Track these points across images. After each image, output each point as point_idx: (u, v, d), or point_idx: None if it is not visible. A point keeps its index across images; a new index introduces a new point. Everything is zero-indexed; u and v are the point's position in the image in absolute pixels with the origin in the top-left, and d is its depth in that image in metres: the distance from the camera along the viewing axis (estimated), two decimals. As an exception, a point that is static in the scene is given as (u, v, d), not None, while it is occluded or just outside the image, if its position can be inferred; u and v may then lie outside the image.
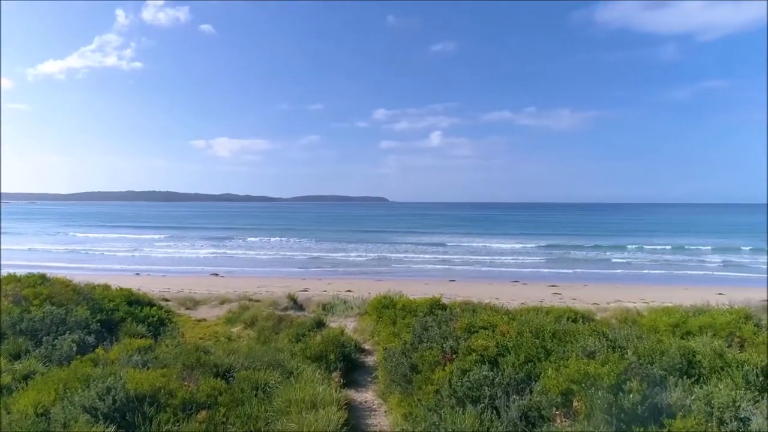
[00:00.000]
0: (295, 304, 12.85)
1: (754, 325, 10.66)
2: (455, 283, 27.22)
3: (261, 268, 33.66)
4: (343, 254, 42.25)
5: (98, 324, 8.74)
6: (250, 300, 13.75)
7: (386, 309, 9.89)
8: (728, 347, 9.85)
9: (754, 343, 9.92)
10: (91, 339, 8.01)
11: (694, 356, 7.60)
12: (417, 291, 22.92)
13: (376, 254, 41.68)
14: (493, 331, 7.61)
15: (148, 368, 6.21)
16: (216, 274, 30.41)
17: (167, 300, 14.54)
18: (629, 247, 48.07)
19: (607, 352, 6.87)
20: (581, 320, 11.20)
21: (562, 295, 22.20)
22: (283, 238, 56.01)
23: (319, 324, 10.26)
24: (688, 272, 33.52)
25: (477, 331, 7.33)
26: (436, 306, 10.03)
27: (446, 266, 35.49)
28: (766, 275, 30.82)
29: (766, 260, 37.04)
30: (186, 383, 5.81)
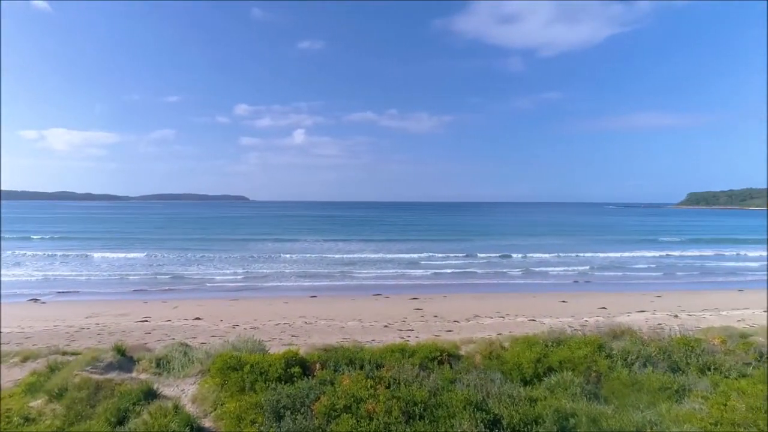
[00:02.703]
0: (123, 356, 10.62)
1: (606, 356, 10.98)
2: (317, 300, 26.03)
3: (96, 290, 29.29)
4: (195, 268, 38.81)
5: None
6: (64, 354, 11.18)
7: (233, 371, 8.35)
8: (587, 384, 9.95)
9: (609, 378, 10.12)
10: None
11: (567, 421, 7.28)
12: (276, 313, 21.38)
13: (232, 269, 38.91)
14: (359, 407, 6.55)
15: None
16: (36, 299, 25.80)
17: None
18: (482, 254, 50.65)
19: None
20: (447, 361, 10.70)
21: (423, 312, 22.11)
22: (125, 248, 49.90)
23: (149, 394, 8.38)
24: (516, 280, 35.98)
25: (339, 415, 6.19)
26: (292, 362, 8.71)
27: (308, 280, 34.11)
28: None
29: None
30: None
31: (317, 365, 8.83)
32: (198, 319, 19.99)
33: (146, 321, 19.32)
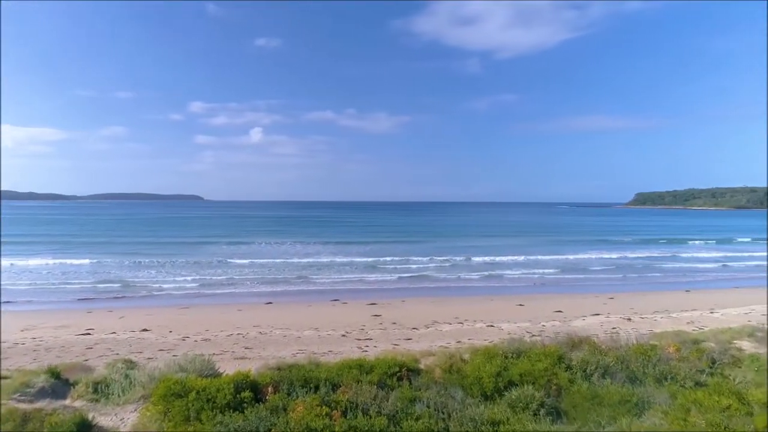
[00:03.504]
0: (58, 379, 9.78)
1: (566, 368, 10.89)
2: (272, 307, 25.30)
3: (34, 299, 27.55)
4: (145, 274, 37.24)
5: None
6: (-9, 378, 10.21)
7: (177, 398, 7.73)
8: (547, 397, 9.80)
9: (570, 392, 10.01)
10: None
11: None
12: (229, 322, 20.57)
13: (184, 274, 37.55)
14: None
15: None
16: (-33, 311, 24.00)
17: None
18: (437, 257, 50.77)
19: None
20: (407, 377, 10.38)
21: (382, 318, 21.77)
22: (68, 252, 47.37)
23: (83, 426, 7.66)
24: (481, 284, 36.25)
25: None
26: (242, 385, 8.16)
27: (264, 285, 33.22)
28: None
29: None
30: None
31: (269, 388, 8.32)
32: (145, 330, 18.99)
33: (88, 334, 18.19)
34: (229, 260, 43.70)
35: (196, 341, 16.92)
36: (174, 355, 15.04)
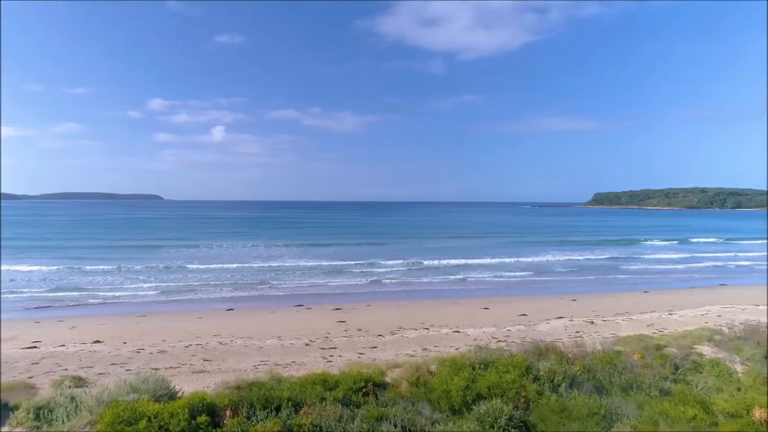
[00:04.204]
0: (-4, 403, 9.05)
1: (534, 378, 10.78)
2: (234, 314, 24.58)
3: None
4: (99, 279, 35.77)
5: None
6: None
7: (126, 426, 7.19)
8: (516, 410, 9.64)
9: (538, 404, 9.91)
10: None
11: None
12: (188, 332, 19.81)
13: (141, 279, 36.25)
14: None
15: None
16: None
17: None
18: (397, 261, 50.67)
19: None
20: (373, 392, 10.07)
21: (347, 324, 21.39)
22: (17, 257, 44.92)
23: (20, 459, 7.04)
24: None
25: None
26: (198, 409, 7.67)
27: (225, 290, 32.32)
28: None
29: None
30: None
31: (228, 412, 7.85)
32: (98, 342, 18.07)
33: (35, 347, 17.15)
34: (189, 264, 42.43)
35: (151, 353, 16.16)
36: (128, 370, 14.31)
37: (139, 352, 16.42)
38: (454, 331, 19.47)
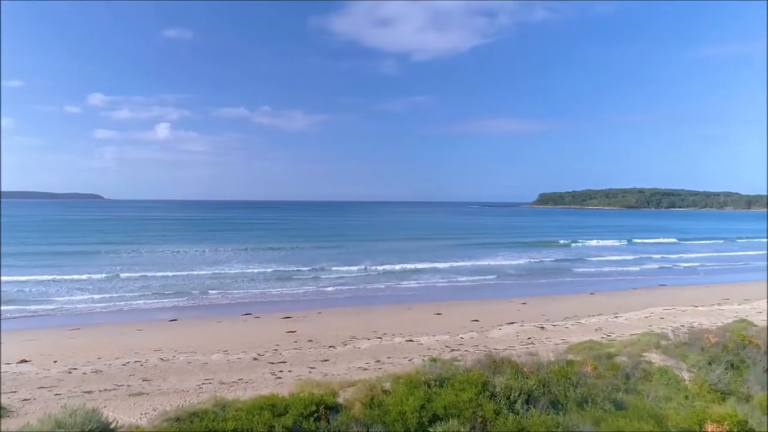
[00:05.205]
0: None
1: (490, 395, 10.56)
2: (177, 325, 23.44)
3: None
4: (30, 288, 33.46)
5: None
6: None
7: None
8: (472, 430, 9.37)
9: (495, 424, 9.67)
10: None
11: None
12: (126, 347, 18.63)
13: (77, 289, 34.18)
14: None
15: None
16: None
17: None
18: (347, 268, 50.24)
19: None
20: (325, 416, 9.57)
21: (297, 335, 20.73)
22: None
23: None
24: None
25: None
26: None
27: (168, 299, 30.87)
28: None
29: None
30: None
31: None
32: (24, 361, 16.66)
33: (-48, 369, 15.60)
34: (129, 270, 40.39)
35: (85, 374, 15.01)
36: (57, 394, 13.22)
37: (70, 372, 15.22)
38: (407, 340, 19.17)
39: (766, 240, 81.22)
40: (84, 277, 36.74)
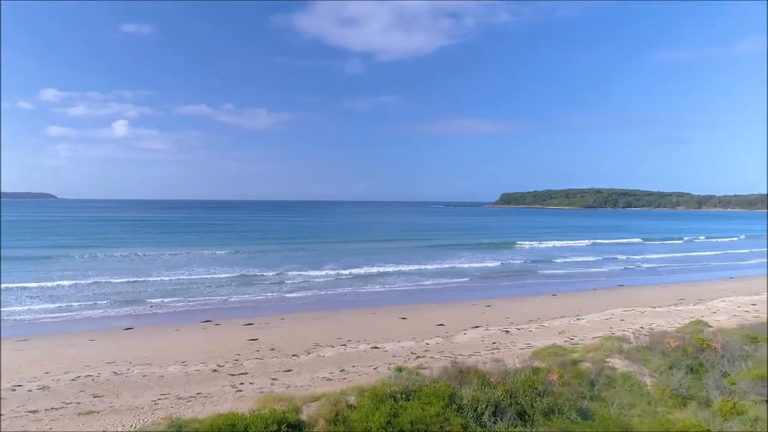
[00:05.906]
0: None
1: (458, 409, 10.37)
2: (133, 334, 22.49)
3: None
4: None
5: None
6: None
7: None
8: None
9: (463, 439, 9.49)
10: None
11: None
12: (77, 359, 17.70)
13: (25, 296, 32.54)
14: None
15: None
16: None
17: None
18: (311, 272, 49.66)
19: None
20: (287, 436, 9.21)
21: (259, 343, 20.16)
22: None
23: None
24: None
25: None
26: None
27: (124, 306, 29.67)
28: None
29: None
30: None
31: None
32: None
33: None
34: (82, 276, 38.72)
35: (30, 391, 14.10)
36: (-2, 415, 12.32)
37: (14, 389, 14.28)
38: (372, 347, 18.86)
39: (723, 240, 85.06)
40: (34, 285, 34.94)
